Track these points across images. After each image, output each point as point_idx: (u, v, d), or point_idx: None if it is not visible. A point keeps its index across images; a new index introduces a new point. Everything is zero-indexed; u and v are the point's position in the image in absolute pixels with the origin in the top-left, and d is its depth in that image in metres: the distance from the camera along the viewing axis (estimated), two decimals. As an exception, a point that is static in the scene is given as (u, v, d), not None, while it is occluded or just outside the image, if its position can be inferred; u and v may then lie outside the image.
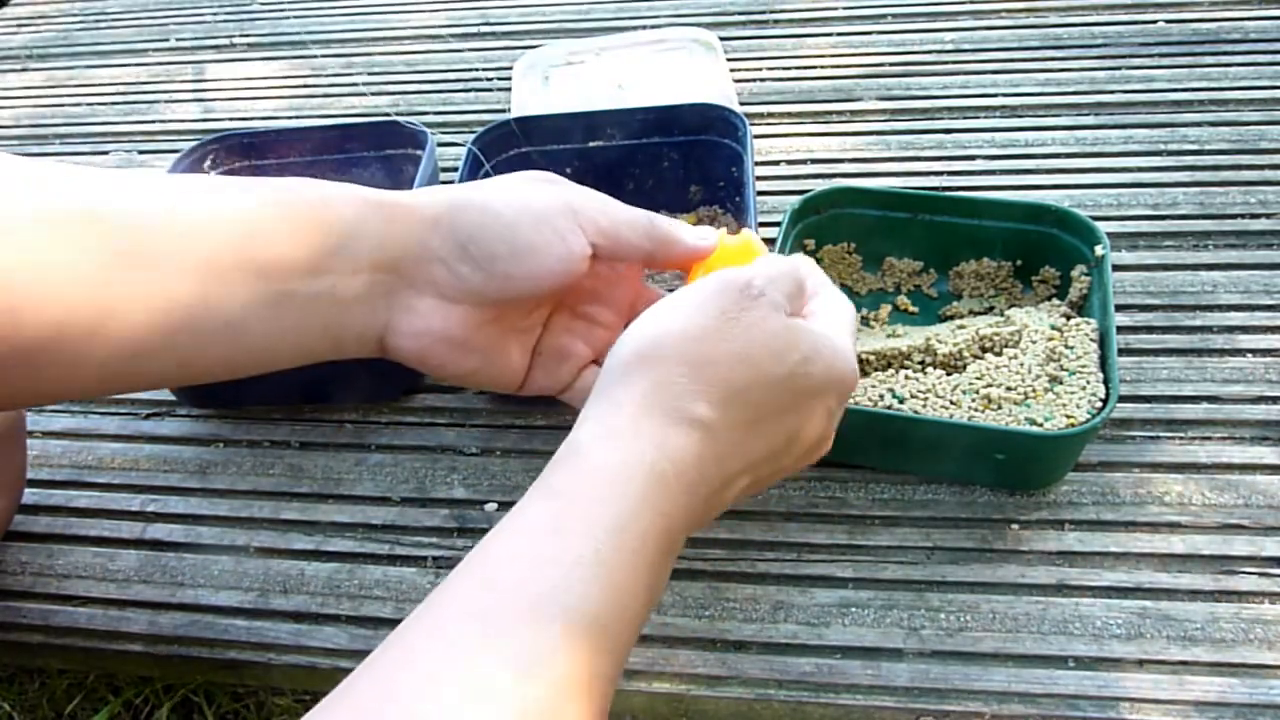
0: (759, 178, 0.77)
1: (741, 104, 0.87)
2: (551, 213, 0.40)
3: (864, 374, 0.59)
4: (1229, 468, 0.56)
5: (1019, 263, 0.65)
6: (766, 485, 0.38)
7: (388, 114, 0.93)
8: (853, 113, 0.85)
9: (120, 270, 0.35)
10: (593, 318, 0.46)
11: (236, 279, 0.37)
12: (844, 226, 0.67)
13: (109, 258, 0.34)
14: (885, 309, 0.66)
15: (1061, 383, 0.55)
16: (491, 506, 0.60)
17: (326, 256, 0.38)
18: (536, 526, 0.31)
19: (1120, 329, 0.63)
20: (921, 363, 0.59)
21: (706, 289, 0.36)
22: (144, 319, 0.35)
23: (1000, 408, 0.55)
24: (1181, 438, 0.58)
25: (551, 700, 0.26)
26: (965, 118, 0.83)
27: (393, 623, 0.53)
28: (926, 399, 0.56)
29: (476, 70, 0.98)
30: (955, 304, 0.66)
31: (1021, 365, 0.56)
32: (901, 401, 0.56)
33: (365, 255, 0.39)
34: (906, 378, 0.58)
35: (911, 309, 0.67)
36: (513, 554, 0.30)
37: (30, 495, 0.64)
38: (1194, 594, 0.51)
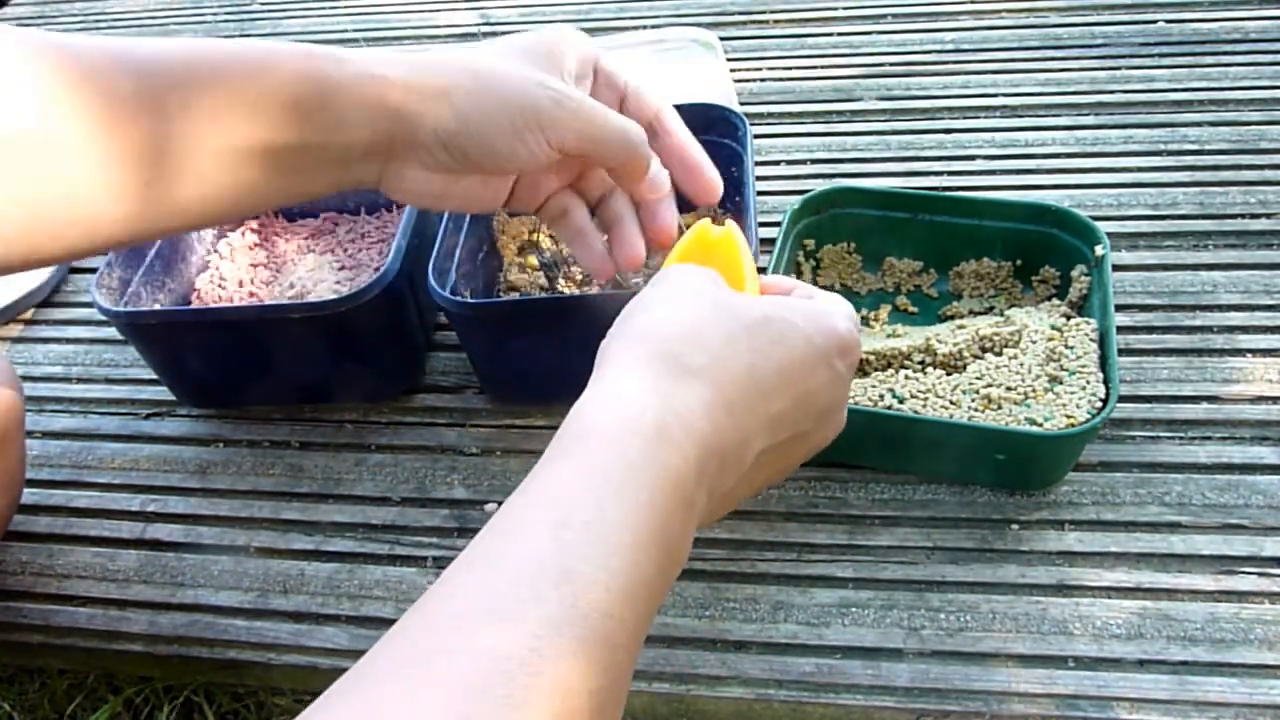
0: (759, 178, 0.77)
1: (741, 104, 0.87)
2: (520, 125, 0.43)
3: (864, 374, 0.59)
4: (1229, 468, 0.56)
5: (1019, 263, 0.65)
6: (794, 459, 0.38)
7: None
8: (853, 113, 0.85)
9: (142, 121, 0.39)
10: (563, 166, 0.48)
11: (249, 155, 0.41)
12: (844, 226, 0.67)
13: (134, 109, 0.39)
14: (885, 309, 0.66)
15: (1061, 383, 0.55)
16: (491, 506, 0.60)
17: (328, 136, 0.43)
18: (541, 496, 0.30)
19: (1120, 329, 0.63)
20: (921, 363, 0.59)
21: (688, 283, 0.37)
22: (168, 170, 0.40)
23: (1000, 408, 0.55)
24: (1181, 438, 0.58)
25: (554, 672, 0.26)
26: (965, 118, 0.83)
27: (393, 623, 0.53)
28: (926, 399, 0.56)
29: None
30: (955, 304, 0.66)
31: (1021, 365, 0.56)
32: (901, 401, 0.56)
33: (362, 136, 0.43)
34: (906, 378, 0.58)
35: (911, 309, 0.67)
36: (519, 523, 0.29)
37: (30, 495, 0.64)
38: (1194, 594, 0.51)
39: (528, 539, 0.28)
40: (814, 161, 0.81)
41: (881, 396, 0.57)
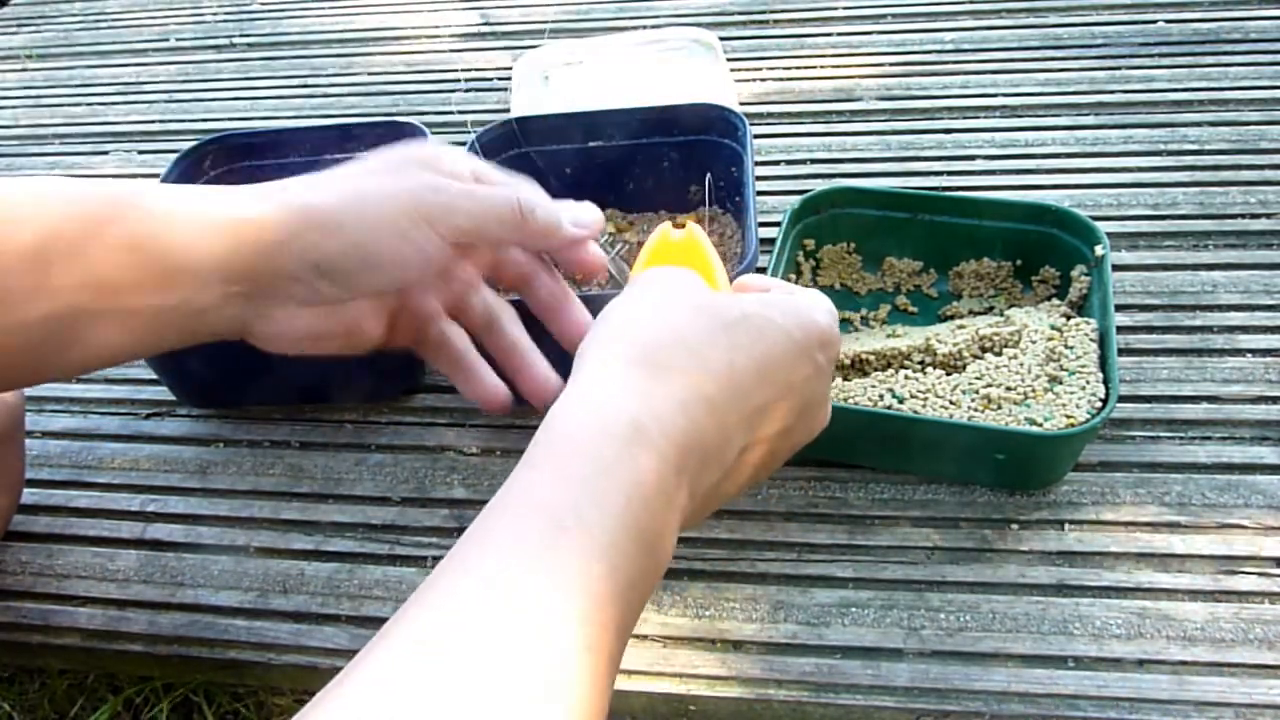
0: (759, 178, 0.77)
1: (741, 104, 0.87)
2: (404, 223, 0.39)
3: (864, 374, 0.59)
4: (1229, 468, 0.56)
5: (1019, 263, 0.65)
6: (778, 456, 0.37)
7: (388, 114, 0.93)
8: (853, 113, 0.85)
9: None
10: (450, 275, 0.44)
11: (85, 298, 0.37)
12: (844, 226, 0.67)
13: None
14: (885, 309, 0.66)
15: (1061, 383, 0.55)
16: (491, 506, 0.60)
17: (174, 274, 0.38)
18: (518, 503, 0.29)
19: (1120, 329, 0.63)
20: (921, 363, 0.59)
21: (665, 284, 0.36)
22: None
23: (1000, 408, 0.55)
24: (1181, 438, 0.58)
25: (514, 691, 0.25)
26: (965, 118, 0.83)
27: (393, 623, 0.53)
28: (926, 399, 0.56)
29: (476, 70, 0.98)
30: (955, 304, 0.66)
31: (1021, 365, 0.56)
32: (901, 401, 0.56)
33: (214, 273, 0.39)
34: (906, 378, 0.58)
35: (911, 309, 0.67)
36: (494, 531, 0.28)
37: (30, 495, 0.64)
38: (1194, 594, 0.51)
39: (505, 548, 0.28)
40: (814, 161, 0.81)
41: (881, 396, 0.57)
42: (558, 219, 0.42)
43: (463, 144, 0.67)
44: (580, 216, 0.43)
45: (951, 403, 0.56)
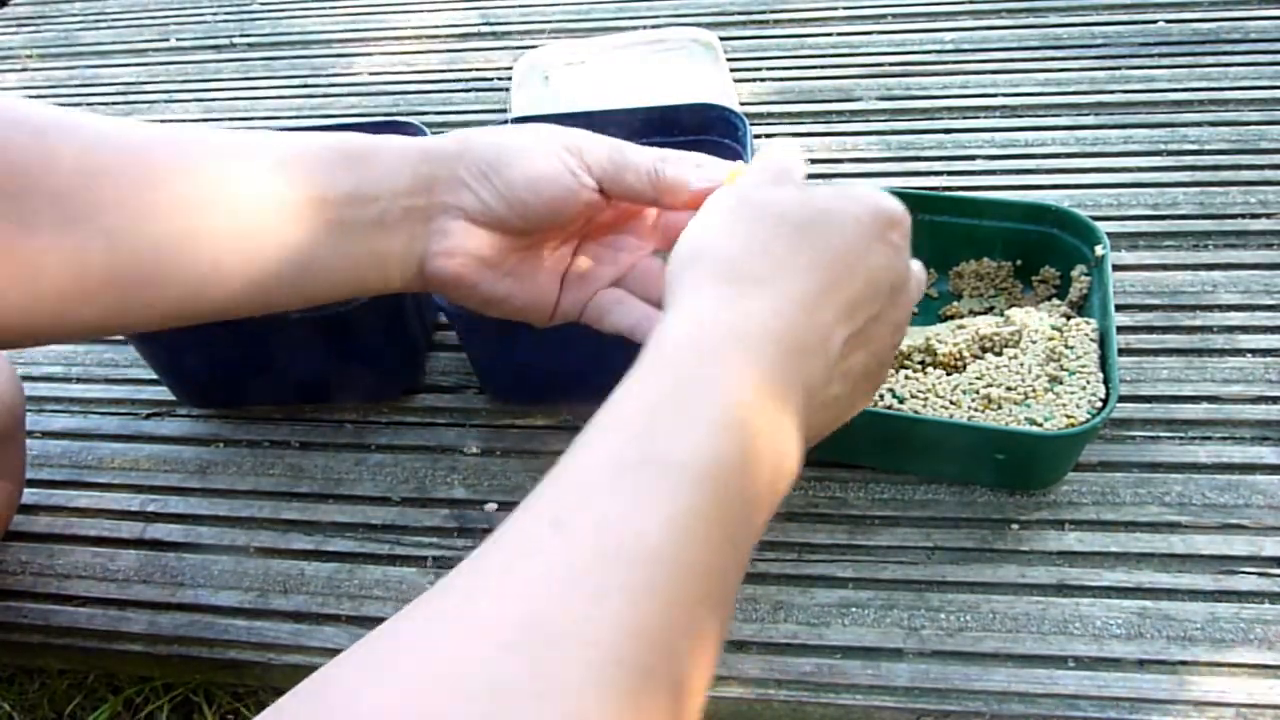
0: (759, 178, 0.76)
1: (741, 104, 0.87)
2: (557, 147, 0.44)
3: (864, 374, 0.59)
4: (1229, 468, 0.56)
5: (1019, 263, 0.65)
6: (881, 344, 0.37)
7: (388, 114, 0.93)
8: (853, 113, 0.85)
9: (199, 204, 0.39)
10: (617, 245, 0.48)
11: (303, 210, 0.41)
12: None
13: (188, 192, 0.39)
14: (885, 309, 0.66)
15: (1061, 383, 0.55)
16: (491, 506, 0.60)
17: (373, 185, 0.42)
18: (619, 418, 0.30)
19: (1120, 329, 0.63)
20: (921, 363, 0.59)
21: (730, 198, 0.38)
22: (213, 251, 0.40)
23: (1000, 408, 0.55)
24: (1181, 438, 0.58)
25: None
26: (965, 118, 0.83)
27: (393, 623, 0.53)
28: (926, 399, 0.56)
29: (476, 70, 0.98)
30: (955, 304, 0.66)
31: (1021, 365, 0.56)
32: (901, 401, 0.56)
33: (403, 184, 0.43)
34: (906, 378, 0.58)
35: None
36: (607, 440, 0.29)
37: (30, 495, 0.64)
38: (1194, 594, 0.51)
39: (615, 449, 0.29)
40: (814, 161, 0.81)
41: (881, 396, 0.57)
42: (688, 175, 0.45)
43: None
44: (708, 172, 0.45)
45: (952, 403, 0.56)
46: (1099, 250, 0.60)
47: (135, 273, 0.39)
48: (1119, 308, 0.64)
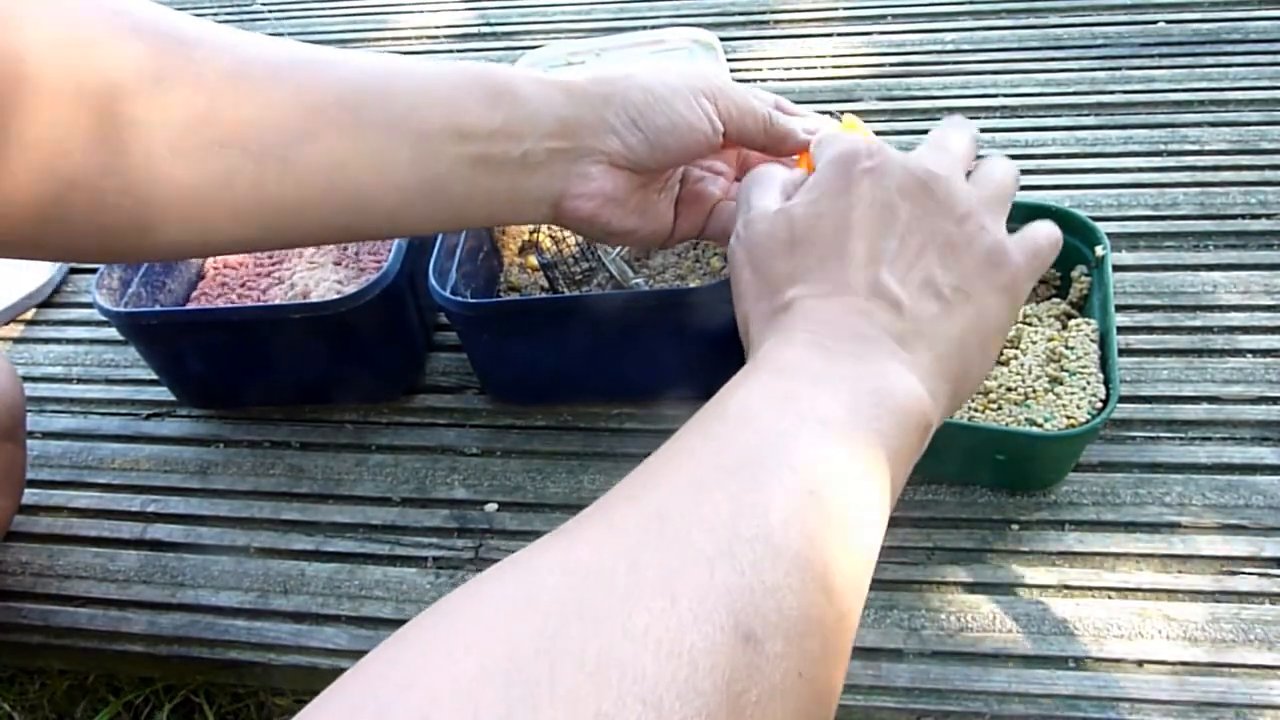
0: (759, 178, 0.77)
1: (741, 104, 0.87)
2: (694, 94, 0.45)
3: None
4: (1229, 468, 0.56)
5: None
6: (1001, 304, 0.36)
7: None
8: (853, 113, 0.85)
9: (341, 130, 0.40)
10: (713, 168, 0.51)
11: (443, 142, 0.42)
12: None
13: (334, 117, 0.40)
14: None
15: (1062, 383, 0.55)
16: (492, 507, 0.60)
17: (519, 124, 0.43)
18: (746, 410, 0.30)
19: (1120, 329, 0.63)
20: (921, 363, 0.59)
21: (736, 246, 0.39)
22: (356, 176, 0.41)
23: (1000, 408, 0.55)
24: (1181, 438, 0.58)
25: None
26: (965, 118, 0.83)
27: (393, 623, 0.54)
28: (926, 399, 0.56)
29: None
30: (955, 304, 0.66)
31: (1022, 365, 0.56)
32: (901, 402, 0.56)
33: (550, 125, 0.44)
34: (906, 378, 0.57)
35: (911, 309, 0.66)
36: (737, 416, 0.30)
37: (30, 495, 0.64)
38: (1194, 594, 0.51)
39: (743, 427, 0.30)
40: (814, 162, 0.81)
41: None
42: (794, 126, 0.48)
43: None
44: (809, 124, 0.48)
45: (951, 403, 0.56)
46: (1099, 250, 0.59)
47: (277, 198, 0.39)
48: (1119, 308, 0.64)
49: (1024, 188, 0.75)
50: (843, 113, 0.46)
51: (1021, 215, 0.63)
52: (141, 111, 0.36)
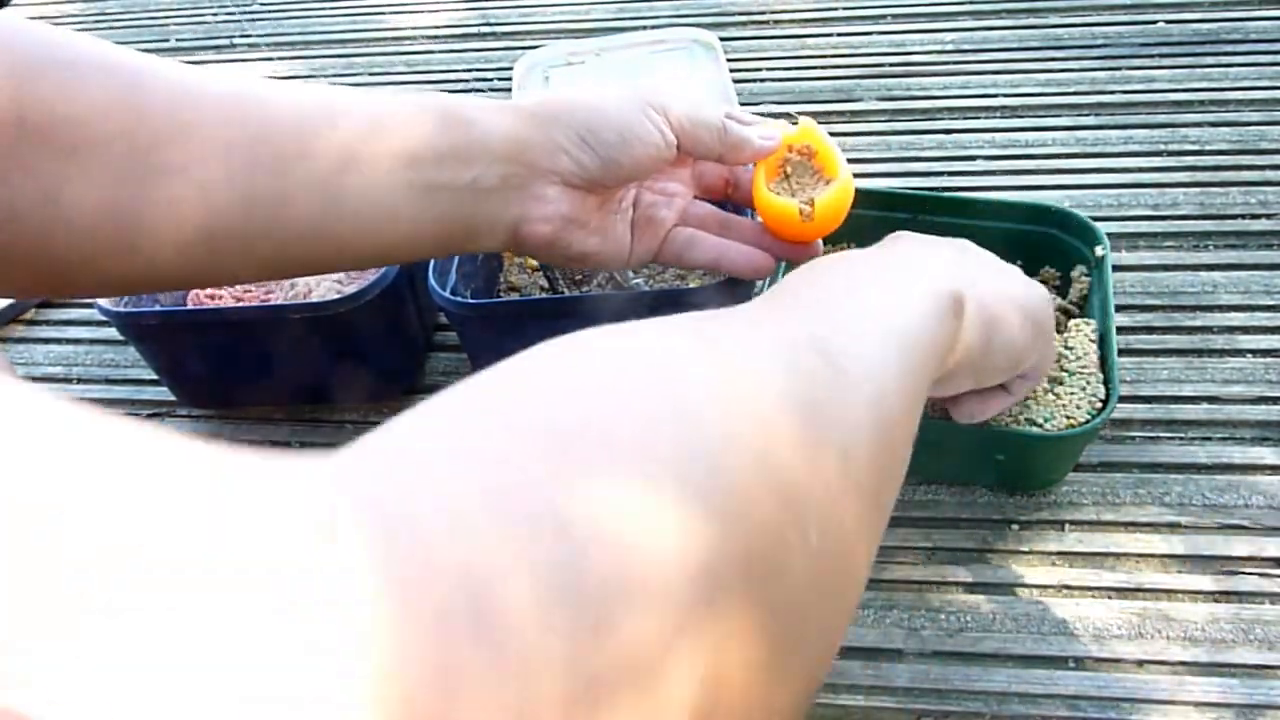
0: (759, 178, 0.77)
1: (741, 104, 0.87)
2: (643, 107, 0.46)
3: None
4: (1229, 468, 0.56)
5: (1019, 263, 0.65)
6: (1014, 304, 0.44)
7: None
8: (853, 113, 0.85)
9: (287, 161, 0.40)
10: (667, 191, 0.51)
11: (393, 170, 0.42)
12: (844, 226, 0.67)
13: (276, 150, 0.40)
14: (885, 309, 0.66)
15: (1062, 383, 0.55)
16: (491, 507, 0.60)
17: (467, 148, 0.43)
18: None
19: (1120, 329, 0.63)
20: (921, 363, 0.59)
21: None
22: (305, 207, 0.40)
23: (1000, 408, 0.55)
24: (1181, 438, 0.58)
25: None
26: (965, 118, 0.83)
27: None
28: (926, 399, 0.56)
29: (476, 70, 0.98)
30: (955, 304, 0.66)
31: (1021, 365, 0.56)
32: (901, 402, 0.56)
33: (499, 148, 0.44)
34: (906, 378, 0.57)
35: (911, 309, 0.66)
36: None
37: (30, 495, 0.64)
38: (1194, 594, 0.51)
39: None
40: (814, 162, 0.81)
41: (881, 397, 0.56)
42: (750, 134, 0.48)
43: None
44: (766, 130, 0.49)
45: (951, 403, 0.56)
46: (1099, 250, 0.59)
47: (225, 228, 0.39)
48: (1119, 308, 0.64)
49: (1024, 188, 0.75)
50: (800, 114, 0.46)
51: (1022, 215, 0.64)
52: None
